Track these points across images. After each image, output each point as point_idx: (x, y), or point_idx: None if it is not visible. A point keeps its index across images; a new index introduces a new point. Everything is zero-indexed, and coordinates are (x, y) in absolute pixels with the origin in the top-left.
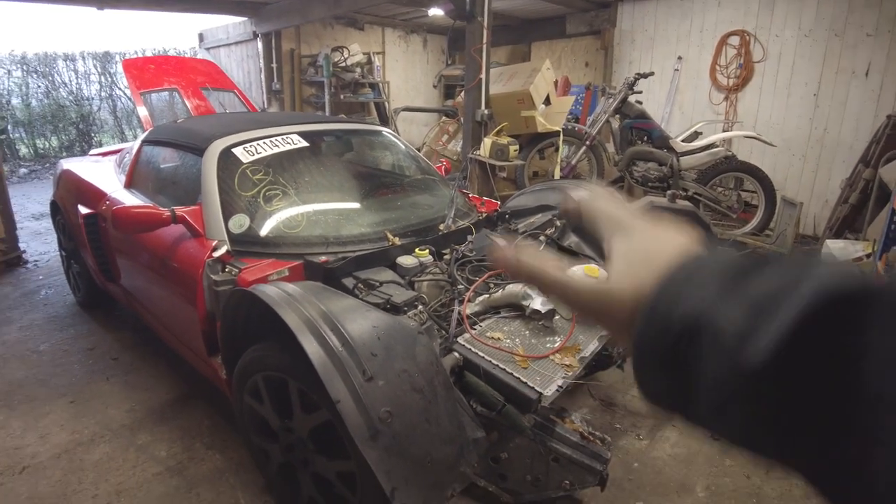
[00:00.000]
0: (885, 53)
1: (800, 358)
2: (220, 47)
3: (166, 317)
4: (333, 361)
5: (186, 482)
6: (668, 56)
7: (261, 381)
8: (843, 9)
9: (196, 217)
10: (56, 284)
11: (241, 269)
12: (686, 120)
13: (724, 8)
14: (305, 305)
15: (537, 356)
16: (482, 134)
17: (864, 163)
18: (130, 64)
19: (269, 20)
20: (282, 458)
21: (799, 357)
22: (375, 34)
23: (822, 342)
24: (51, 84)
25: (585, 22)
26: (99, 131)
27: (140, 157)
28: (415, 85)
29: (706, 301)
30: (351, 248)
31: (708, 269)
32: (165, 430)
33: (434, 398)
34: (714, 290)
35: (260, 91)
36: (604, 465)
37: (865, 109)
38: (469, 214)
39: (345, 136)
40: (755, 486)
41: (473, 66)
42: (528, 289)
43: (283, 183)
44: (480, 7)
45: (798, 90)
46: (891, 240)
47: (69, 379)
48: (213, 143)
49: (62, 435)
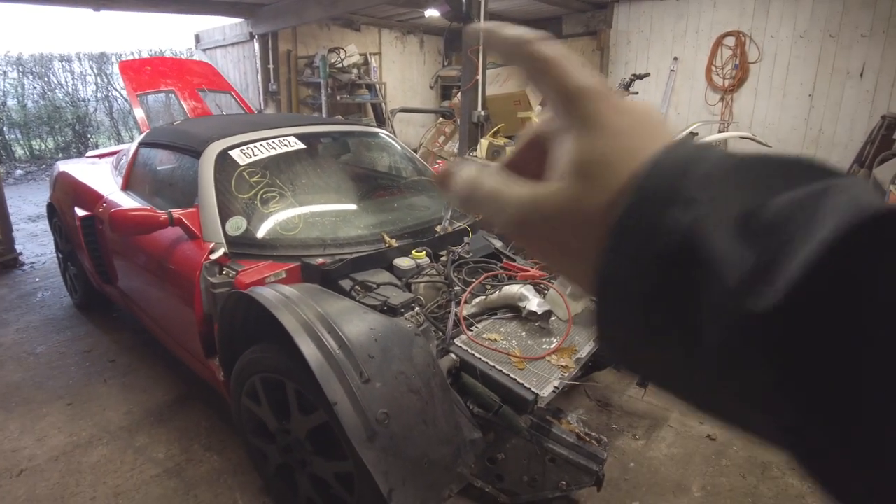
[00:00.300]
0: (879, 54)
1: (821, 301)
2: (216, 48)
3: (164, 319)
4: (330, 363)
5: (184, 484)
6: (664, 57)
7: (258, 382)
8: (838, 10)
9: (193, 219)
10: (53, 287)
11: (239, 272)
12: (682, 120)
13: (719, 9)
14: (302, 308)
15: (534, 357)
16: (479, 135)
17: (858, 163)
18: (127, 65)
19: (266, 21)
20: (279, 460)
21: (820, 300)
22: (372, 35)
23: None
24: (47, 85)
25: (582, 23)
26: (95, 133)
27: (137, 159)
28: (411, 86)
29: (708, 212)
30: (348, 250)
31: (710, 164)
32: (163, 432)
33: (431, 399)
34: (719, 197)
35: (257, 92)
36: (600, 465)
37: (860, 110)
38: (465, 216)
39: (341, 138)
40: (751, 485)
41: (470, 68)
42: (524, 290)
43: (280, 185)
44: (476, 8)
45: (793, 91)
46: None
47: (66, 381)
48: (210, 146)
49: (60, 437)
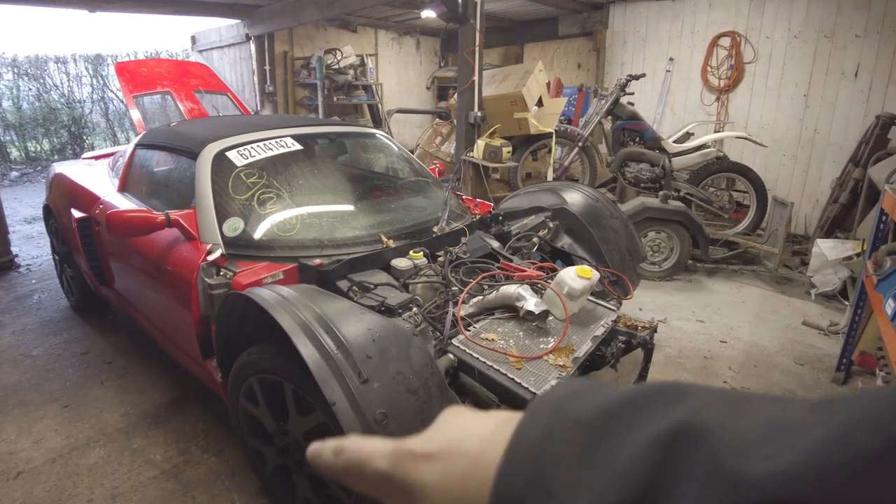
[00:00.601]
0: (873, 54)
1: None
2: (212, 50)
3: (161, 320)
4: (329, 364)
5: (182, 486)
6: (660, 57)
7: (256, 383)
8: (832, 10)
9: (190, 221)
10: (49, 288)
11: (236, 273)
12: (678, 121)
13: (714, 9)
14: (300, 308)
15: (531, 357)
16: (475, 136)
17: (853, 163)
18: (123, 67)
19: (262, 22)
20: (277, 461)
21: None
22: (368, 36)
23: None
24: (42, 87)
25: (577, 23)
26: (91, 134)
27: (134, 161)
28: (408, 87)
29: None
30: (345, 250)
31: (561, 441)
32: (160, 434)
33: (429, 400)
34: (571, 484)
35: (253, 93)
36: None
37: (854, 110)
38: (463, 216)
39: (338, 139)
40: None
41: (466, 68)
42: (521, 290)
43: (278, 186)
44: (473, 9)
45: (788, 91)
46: (880, 239)
47: (63, 383)
48: (207, 147)
49: (56, 440)
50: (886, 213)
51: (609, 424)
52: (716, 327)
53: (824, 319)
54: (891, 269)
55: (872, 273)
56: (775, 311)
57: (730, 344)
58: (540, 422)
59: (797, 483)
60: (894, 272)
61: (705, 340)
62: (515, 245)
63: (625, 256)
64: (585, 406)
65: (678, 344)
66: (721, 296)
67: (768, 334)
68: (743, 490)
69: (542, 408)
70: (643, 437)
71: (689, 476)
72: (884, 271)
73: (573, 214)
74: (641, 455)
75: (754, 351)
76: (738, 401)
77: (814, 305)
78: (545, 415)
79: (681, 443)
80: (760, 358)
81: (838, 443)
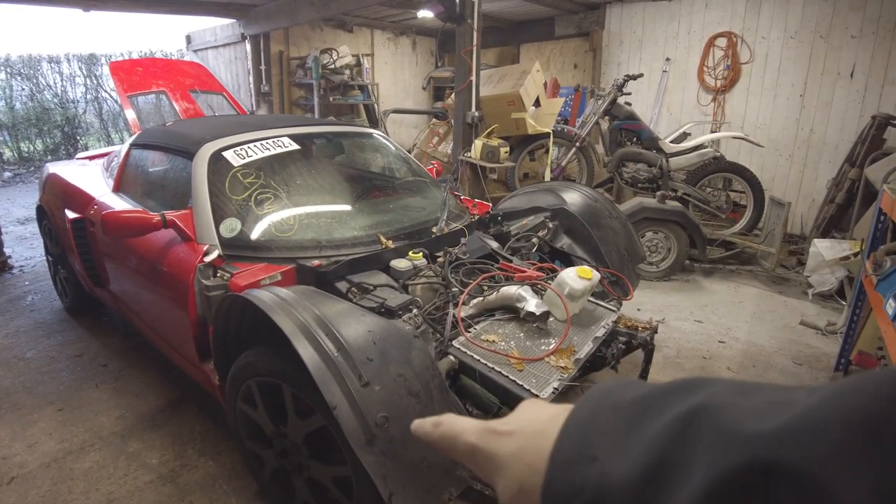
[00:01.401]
0: (869, 55)
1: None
2: (207, 49)
3: (157, 322)
4: (329, 366)
5: (179, 490)
6: (657, 57)
7: (254, 386)
8: (828, 11)
9: (186, 221)
10: (42, 290)
11: (233, 274)
12: (674, 121)
13: (711, 10)
14: (299, 310)
15: (532, 358)
16: (473, 136)
17: (849, 163)
18: (118, 66)
19: (258, 22)
20: (276, 464)
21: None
22: (364, 36)
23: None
24: (35, 86)
25: (574, 24)
26: (85, 135)
27: (128, 161)
28: (404, 87)
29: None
30: (344, 251)
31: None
32: (157, 437)
33: (430, 402)
34: (613, 448)
35: (249, 93)
36: None
37: (850, 110)
38: (461, 217)
39: (335, 139)
40: None
41: (463, 68)
42: (522, 291)
43: (275, 186)
44: (470, 9)
45: (784, 91)
46: (878, 239)
47: (57, 386)
48: (204, 147)
49: (51, 443)
50: (885, 213)
51: (642, 409)
52: (714, 327)
53: (821, 319)
54: (890, 269)
55: (871, 273)
56: (772, 310)
57: (728, 344)
58: (588, 407)
59: (777, 442)
60: (894, 272)
61: (703, 340)
62: (515, 245)
63: (624, 257)
64: (623, 396)
65: (676, 344)
66: (718, 296)
67: (766, 334)
68: (738, 447)
69: (590, 397)
70: (668, 416)
71: (700, 440)
72: (883, 271)
73: (572, 214)
74: (666, 428)
75: (752, 351)
76: (747, 387)
77: (811, 305)
78: (593, 402)
79: (697, 416)
80: (759, 358)
81: (814, 410)
